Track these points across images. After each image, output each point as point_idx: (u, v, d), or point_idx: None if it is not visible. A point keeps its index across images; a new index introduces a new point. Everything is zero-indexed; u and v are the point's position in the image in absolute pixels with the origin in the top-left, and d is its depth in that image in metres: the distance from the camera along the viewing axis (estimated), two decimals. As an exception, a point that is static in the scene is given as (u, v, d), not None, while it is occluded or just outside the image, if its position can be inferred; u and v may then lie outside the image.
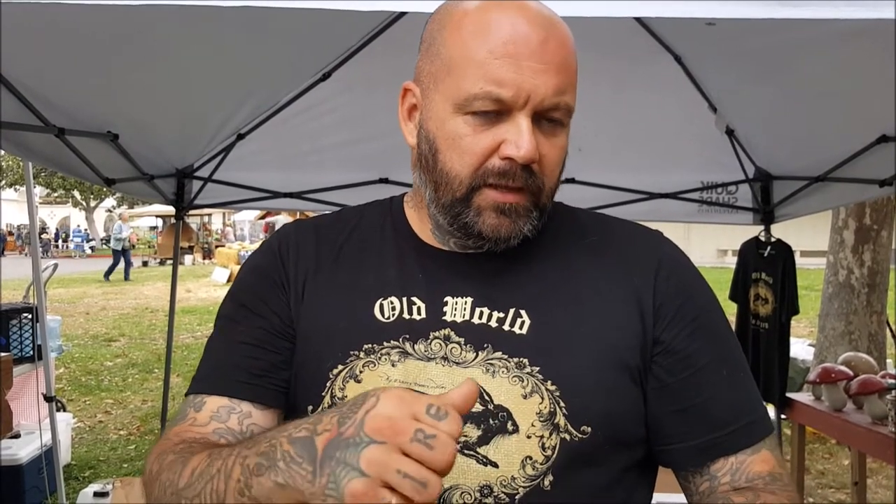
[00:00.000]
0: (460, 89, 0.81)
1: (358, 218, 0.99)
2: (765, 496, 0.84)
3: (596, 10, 1.67)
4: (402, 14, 2.42)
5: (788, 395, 3.68)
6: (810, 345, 6.58)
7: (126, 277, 18.04)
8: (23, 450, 3.89)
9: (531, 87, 0.79)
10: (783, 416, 3.77)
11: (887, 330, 5.76)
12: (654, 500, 0.94)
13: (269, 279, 0.93)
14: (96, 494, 3.41)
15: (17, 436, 3.97)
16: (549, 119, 0.83)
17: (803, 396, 3.65)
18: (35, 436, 3.93)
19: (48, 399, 3.67)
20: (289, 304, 0.92)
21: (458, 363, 0.85)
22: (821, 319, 6.10)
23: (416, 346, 0.86)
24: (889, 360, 5.64)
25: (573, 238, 0.94)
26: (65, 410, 5.10)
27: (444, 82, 0.83)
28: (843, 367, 3.37)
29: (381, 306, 0.89)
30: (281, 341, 0.91)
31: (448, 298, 0.88)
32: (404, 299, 0.89)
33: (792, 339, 4.57)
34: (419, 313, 0.88)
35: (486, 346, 0.85)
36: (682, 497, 0.92)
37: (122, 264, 18.23)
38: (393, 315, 0.88)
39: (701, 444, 0.87)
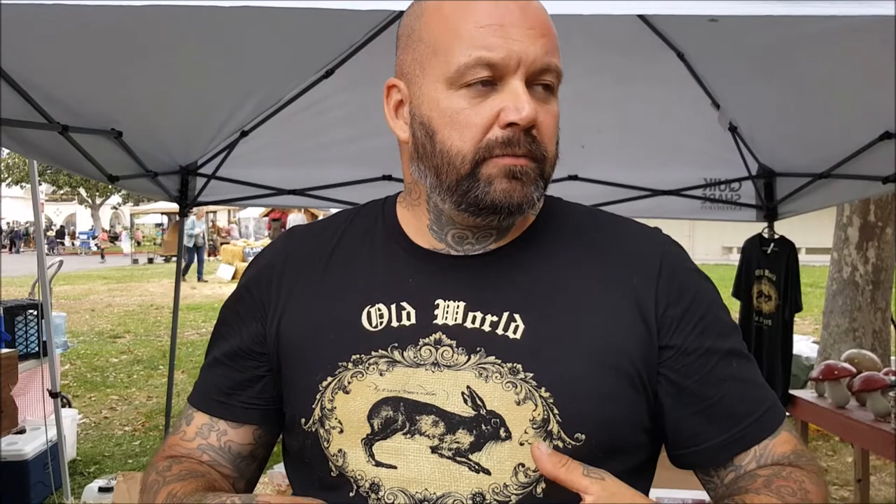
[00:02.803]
0: (450, 63, 0.81)
1: (349, 222, 0.98)
2: (789, 469, 0.85)
3: (599, 7, 1.68)
4: (403, 13, 2.42)
5: (791, 391, 3.68)
6: (814, 342, 6.57)
7: (199, 277, 16.93)
8: (28, 445, 3.91)
9: (521, 48, 0.80)
10: (786, 414, 3.77)
11: (891, 327, 5.75)
12: (653, 496, 0.94)
13: (252, 296, 0.95)
14: (101, 489, 3.44)
15: (22, 431, 4.00)
16: (542, 83, 0.83)
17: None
18: (40, 431, 3.96)
19: (53, 395, 3.70)
20: (263, 323, 0.93)
21: (449, 366, 0.84)
22: (825, 316, 6.09)
23: (404, 354, 0.85)
24: (893, 357, 5.63)
25: (570, 237, 0.92)
26: (70, 406, 5.12)
27: (431, 64, 0.83)
28: (846, 364, 3.37)
29: (369, 314, 0.88)
30: (247, 361, 0.94)
31: (439, 301, 0.87)
32: (393, 306, 0.87)
33: (796, 336, 4.57)
34: (409, 319, 0.86)
35: (478, 349, 0.84)
36: (680, 493, 0.93)
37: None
38: (381, 323, 0.87)
39: (724, 441, 0.86)
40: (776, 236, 3.70)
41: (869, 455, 3.55)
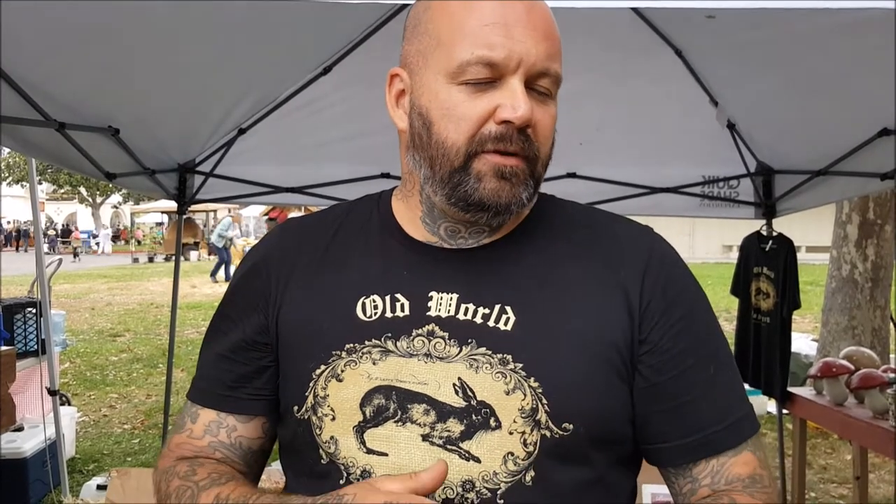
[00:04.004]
0: (452, 59, 0.82)
1: (344, 215, 0.99)
2: (741, 499, 0.84)
3: (594, 1, 1.68)
4: (403, 7, 2.42)
5: (789, 389, 3.68)
6: (814, 339, 6.57)
7: (226, 277, 16.36)
8: (27, 443, 3.91)
9: (522, 49, 0.81)
10: (785, 411, 3.77)
11: (890, 324, 5.75)
12: (649, 492, 0.95)
13: (251, 287, 0.96)
14: (99, 487, 3.44)
15: (20, 429, 4.00)
16: (538, 89, 0.84)
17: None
18: (39, 429, 3.96)
19: (52, 392, 3.70)
20: (265, 314, 0.93)
21: (441, 358, 0.85)
22: (824, 314, 6.09)
23: (398, 344, 0.86)
24: (892, 355, 5.63)
25: (562, 232, 0.93)
26: (69, 404, 5.12)
27: (433, 56, 0.84)
28: (844, 362, 3.37)
29: (364, 305, 0.89)
30: (251, 353, 0.94)
31: (433, 293, 0.88)
32: (387, 297, 0.89)
33: (796, 334, 4.56)
34: (402, 310, 0.88)
35: (470, 341, 0.85)
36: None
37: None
38: (375, 314, 0.88)
39: (685, 445, 0.87)
40: (774, 234, 3.70)
41: (868, 452, 3.55)
